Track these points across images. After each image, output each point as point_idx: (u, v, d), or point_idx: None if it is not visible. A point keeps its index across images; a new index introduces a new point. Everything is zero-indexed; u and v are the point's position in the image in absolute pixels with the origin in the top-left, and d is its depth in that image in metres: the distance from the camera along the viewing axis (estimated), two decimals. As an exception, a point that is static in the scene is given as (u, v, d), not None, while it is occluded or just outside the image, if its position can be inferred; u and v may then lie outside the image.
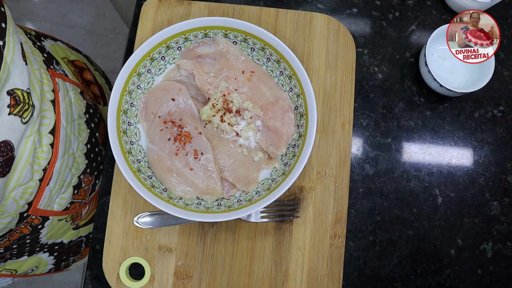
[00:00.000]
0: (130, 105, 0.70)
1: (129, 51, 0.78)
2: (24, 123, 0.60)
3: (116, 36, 1.78)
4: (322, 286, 0.71)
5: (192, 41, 0.72)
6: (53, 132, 0.69)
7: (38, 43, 0.76)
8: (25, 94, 0.60)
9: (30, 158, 0.64)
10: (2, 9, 0.56)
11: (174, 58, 0.73)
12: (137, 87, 0.71)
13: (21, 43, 0.61)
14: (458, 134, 0.78)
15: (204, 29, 0.70)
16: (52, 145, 0.68)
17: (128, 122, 0.70)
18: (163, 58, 0.72)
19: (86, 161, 0.81)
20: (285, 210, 0.72)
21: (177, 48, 0.72)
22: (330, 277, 0.71)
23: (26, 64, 0.61)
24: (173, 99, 0.71)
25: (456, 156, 0.78)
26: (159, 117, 0.71)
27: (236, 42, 0.72)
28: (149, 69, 0.71)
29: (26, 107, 0.60)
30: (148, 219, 0.71)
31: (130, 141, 0.69)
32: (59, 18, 1.79)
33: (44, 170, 0.68)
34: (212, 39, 0.72)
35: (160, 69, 0.73)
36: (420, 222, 0.75)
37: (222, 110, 0.71)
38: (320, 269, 0.71)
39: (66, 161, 0.73)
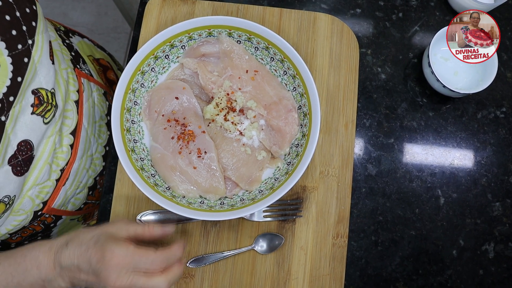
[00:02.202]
0: (134, 104, 0.70)
1: (133, 49, 0.78)
2: (46, 123, 0.60)
3: (117, 35, 1.78)
4: (324, 285, 0.71)
5: (196, 40, 0.72)
6: (74, 133, 0.68)
7: (67, 40, 0.75)
8: (49, 94, 0.59)
9: (49, 158, 0.64)
10: (34, 7, 0.55)
11: (178, 57, 0.73)
12: (140, 86, 0.71)
13: (50, 41, 0.60)
14: (460, 135, 0.79)
15: (208, 28, 0.70)
16: (72, 146, 0.68)
17: (132, 120, 0.70)
18: (167, 57, 0.72)
19: (103, 163, 0.81)
20: (288, 209, 0.72)
21: (181, 47, 0.72)
22: (332, 276, 0.71)
23: (53, 63, 0.60)
24: (176, 98, 0.71)
25: (459, 157, 0.78)
26: (163, 115, 0.71)
27: (240, 41, 0.72)
28: (153, 68, 0.71)
29: (49, 107, 0.60)
30: (151, 217, 0.71)
31: (134, 139, 0.69)
32: (60, 16, 1.79)
33: (62, 170, 0.68)
34: (216, 38, 0.72)
35: (164, 67, 0.73)
36: (422, 222, 0.75)
37: (226, 109, 0.71)
38: (322, 269, 0.71)
39: (84, 162, 0.73)
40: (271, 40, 0.69)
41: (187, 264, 0.70)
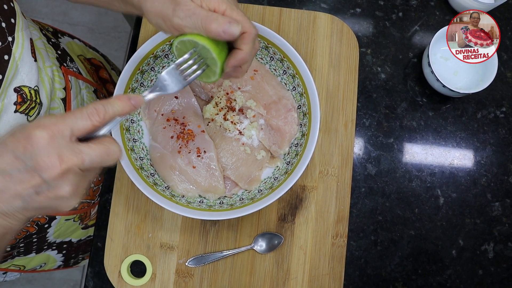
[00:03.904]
0: (133, 103, 0.70)
1: (132, 48, 0.78)
2: (30, 122, 0.59)
3: (118, 35, 1.78)
4: (324, 285, 0.71)
5: (196, 39, 0.72)
6: None
7: (53, 40, 0.75)
8: (32, 92, 0.58)
9: None
10: (12, 4, 0.54)
11: (177, 56, 0.73)
12: (140, 85, 0.71)
13: (31, 39, 0.59)
14: (460, 135, 0.78)
15: (208, 27, 0.70)
16: None
17: (131, 120, 0.70)
18: (166, 56, 0.72)
19: None
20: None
21: (181, 46, 0.72)
22: (331, 276, 0.71)
23: (36, 60, 0.59)
24: (176, 97, 0.71)
25: (458, 156, 0.78)
26: (162, 115, 0.71)
27: (239, 40, 0.72)
28: (152, 67, 0.71)
29: (33, 105, 0.59)
30: None
31: (133, 139, 0.69)
32: (61, 16, 1.79)
33: None
34: (215, 37, 0.72)
35: (163, 67, 0.73)
36: (421, 222, 0.75)
37: (225, 108, 0.71)
38: (321, 268, 0.71)
39: None
40: (271, 40, 0.69)
41: (186, 264, 0.70)
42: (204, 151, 0.69)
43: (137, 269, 0.72)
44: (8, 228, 0.43)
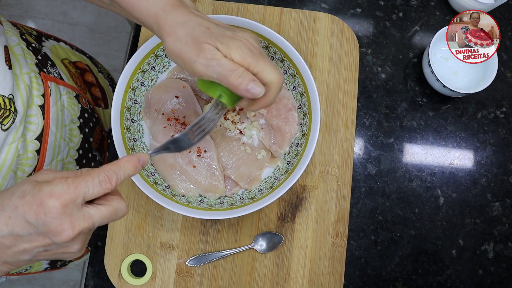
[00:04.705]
0: (134, 102, 0.71)
1: (133, 48, 0.78)
2: (4, 130, 0.58)
3: (118, 35, 1.78)
4: (324, 285, 0.71)
5: (196, 39, 0.72)
6: (40, 138, 0.67)
7: (33, 44, 0.73)
8: (6, 100, 0.58)
9: (12, 165, 0.62)
10: None
11: (178, 56, 0.73)
12: (141, 84, 0.71)
13: (6, 46, 0.58)
14: (460, 135, 0.79)
15: (209, 27, 0.70)
16: (38, 151, 0.66)
17: (132, 119, 0.70)
18: (167, 55, 0.72)
19: (77, 167, 0.79)
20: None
21: (181, 45, 0.72)
22: (331, 276, 0.71)
23: (10, 68, 0.58)
24: (176, 97, 0.71)
25: (458, 156, 0.78)
26: (163, 114, 0.71)
27: (240, 40, 0.72)
28: (153, 66, 0.71)
29: (7, 113, 0.58)
30: None
31: (134, 138, 0.69)
32: (61, 15, 1.79)
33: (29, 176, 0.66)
34: (216, 37, 0.72)
35: (164, 66, 0.73)
36: (421, 222, 0.76)
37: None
38: (321, 268, 0.71)
39: (54, 168, 0.71)
40: (271, 39, 0.69)
41: (187, 263, 0.70)
42: (205, 151, 0.69)
43: (137, 268, 0.72)
44: (6, 272, 0.44)
